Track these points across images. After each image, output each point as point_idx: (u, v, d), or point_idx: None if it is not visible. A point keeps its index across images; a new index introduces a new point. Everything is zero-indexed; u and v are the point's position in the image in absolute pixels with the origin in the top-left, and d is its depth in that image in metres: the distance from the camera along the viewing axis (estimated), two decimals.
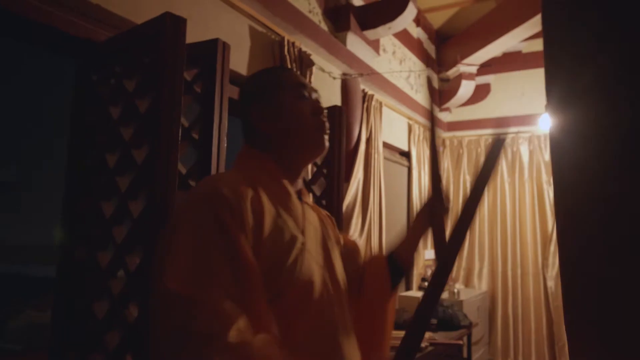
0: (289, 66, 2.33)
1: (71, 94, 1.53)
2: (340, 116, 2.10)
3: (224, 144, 1.41)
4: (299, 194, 0.98)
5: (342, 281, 0.97)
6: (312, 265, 0.87)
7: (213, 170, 1.39)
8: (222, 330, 0.66)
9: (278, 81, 0.99)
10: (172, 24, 1.22)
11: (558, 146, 0.51)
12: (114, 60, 1.39)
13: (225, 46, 1.41)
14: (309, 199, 1.03)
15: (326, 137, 0.98)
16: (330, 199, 2.05)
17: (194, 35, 1.27)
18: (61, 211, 1.48)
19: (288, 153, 0.96)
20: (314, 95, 1.00)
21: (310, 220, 0.94)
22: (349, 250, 1.11)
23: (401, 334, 0.95)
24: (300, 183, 1.00)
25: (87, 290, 1.34)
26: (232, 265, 0.74)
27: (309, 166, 2.24)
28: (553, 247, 4.34)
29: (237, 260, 0.74)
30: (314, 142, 0.96)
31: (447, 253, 1.00)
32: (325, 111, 1.00)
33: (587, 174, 0.50)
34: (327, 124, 0.98)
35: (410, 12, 3.07)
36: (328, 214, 1.12)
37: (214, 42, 1.40)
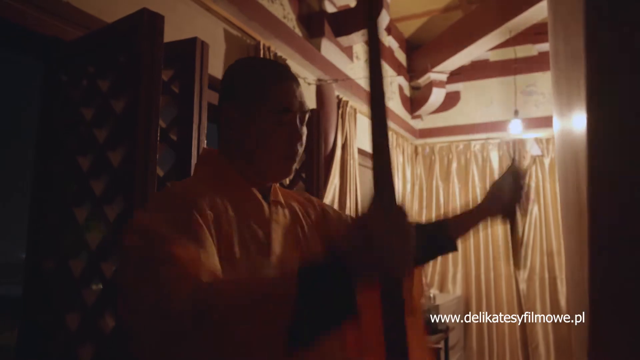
0: None
1: (38, 96, 1.46)
2: (317, 120, 2.09)
3: (204, 146, 1.37)
4: (267, 192, 0.91)
5: None
6: (282, 268, 0.83)
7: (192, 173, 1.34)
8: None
9: (258, 90, 0.85)
10: (149, 20, 1.18)
11: (598, 148, 0.50)
12: (86, 60, 1.33)
13: (204, 45, 1.37)
14: (279, 195, 0.94)
15: (294, 164, 0.89)
16: None
17: (168, 37, 1.22)
18: (28, 219, 1.40)
19: (251, 168, 0.87)
20: (297, 118, 0.87)
21: (278, 220, 0.89)
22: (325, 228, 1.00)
23: None
24: (268, 183, 0.92)
25: (58, 302, 1.26)
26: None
27: None
28: (524, 250, 4.43)
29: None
30: (279, 170, 0.88)
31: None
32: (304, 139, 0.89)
33: (628, 175, 0.48)
34: (300, 151, 0.88)
35: (383, 19, 3.10)
36: (308, 198, 1.03)
37: (192, 41, 1.36)
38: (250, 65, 0.92)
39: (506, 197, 0.99)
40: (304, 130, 0.89)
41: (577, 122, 0.66)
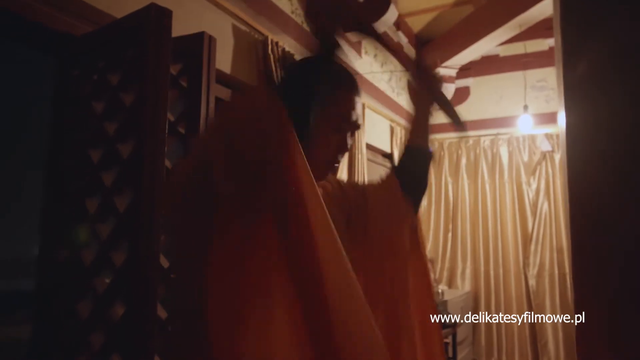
0: (272, 66, 2.32)
1: (51, 90, 1.49)
2: None
3: None
4: None
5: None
6: None
7: None
8: None
9: (335, 95, 0.89)
10: (157, 15, 1.20)
11: (574, 142, 0.51)
12: (96, 55, 1.36)
13: (212, 40, 1.39)
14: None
15: (330, 172, 0.91)
16: None
17: (176, 32, 1.24)
18: (41, 211, 1.44)
19: None
20: (350, 130, 0.91)
21: None
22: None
23: None
24: None
25: (70, 291, 1.29)
26: None
27: None
28: (533, 246, 4.41)
29: None
30: (318, 173, 0.88)
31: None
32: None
33: (604, 169, 0.49)
34: (340, 162, 0.91)
35: (392, 14, 3.10)
36: (335, 181, 1.04)
37: (200, 35, 1.38)
38: (327, 66, 0.92)
39: (427, 89, 1.07)
40: (350, 143, 0.92)
41: (561, 118, 0.67)
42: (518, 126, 4.29)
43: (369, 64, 3.77)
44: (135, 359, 1.11)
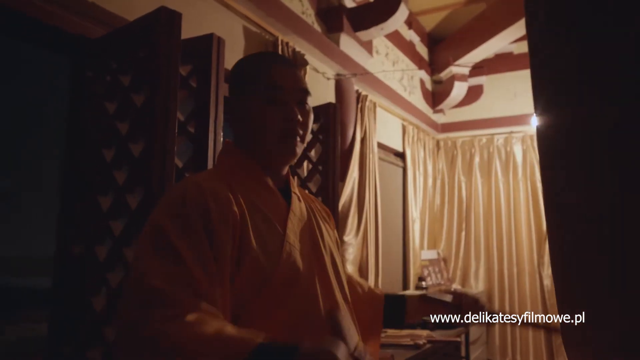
0: None
1: (66, 92, 1.54)
2: (334, 113, 2.12)
3: (220, 138, 1.42)
4: (286, 184, 0.96)
5: (334, 270, 0.94)
6: (294, 255, 0.85)
7: (209, 165, 1.40)
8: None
9: (251, 75, 0.90)
10: (167, 17, 1.23)
11: (545, 146, 0.52)
12: (109, 56, 1.40)
13: (220, 41, 1.42)
14: (295, 187, 0.98)
15: (297, 144, 0.90)
16: (326, 196, 2.06)
17: (187, 34, 1.28)
18: (58, 208, 1.48)
19: (260, 153, 0.91)
20: (294, 96, 0.90)
21: (295, 211, 0.92)
22: None
23: (401, 333, 0.96)
24: (285, 174, 0.97)
25: (85, 285, 1.34)
26: (205, 262, 0.74)
27: (305, 163, 2.25)
28: (548, 245, 4.36)
29: (210, 258, 0.75)
30: (279, 151, 0.90)
31: None
32: (304, 115, 0.91)
33: (573, 174, 0.50)
34: (299, 131, 0.90)
35: (402, 13, 3.10)
36: (329, 213, 1.08)
37: (209, 37, 1.42)
38: (245, 57, 0.98)
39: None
40: (307, 109, 0.92)
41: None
42: (532, 124, 4.25)
43: (381, 63, 3.78)
44: None
